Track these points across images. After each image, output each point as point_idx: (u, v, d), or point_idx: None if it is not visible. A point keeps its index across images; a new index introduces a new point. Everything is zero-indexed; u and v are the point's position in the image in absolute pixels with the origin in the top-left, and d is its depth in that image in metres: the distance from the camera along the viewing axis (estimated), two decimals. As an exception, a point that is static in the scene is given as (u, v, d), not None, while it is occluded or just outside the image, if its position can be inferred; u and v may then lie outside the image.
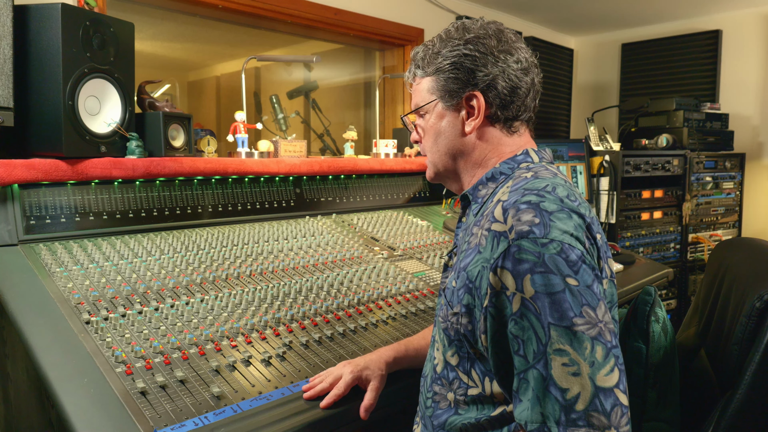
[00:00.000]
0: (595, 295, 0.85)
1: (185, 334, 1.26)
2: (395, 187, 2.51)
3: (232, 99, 3.39)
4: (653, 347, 1.03)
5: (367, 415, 1.15)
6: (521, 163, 1.06)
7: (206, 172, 1.86)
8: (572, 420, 0.82)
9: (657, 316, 1.06)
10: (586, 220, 0.92)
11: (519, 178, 1.01)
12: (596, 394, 0.81)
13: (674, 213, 3.45)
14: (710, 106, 3.68)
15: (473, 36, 1.05)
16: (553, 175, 1.01)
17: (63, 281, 1.37)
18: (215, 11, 2.62)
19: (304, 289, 1.57)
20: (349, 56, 3.63)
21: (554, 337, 0.84)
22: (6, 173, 1.45)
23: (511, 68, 1.05)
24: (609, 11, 3.99)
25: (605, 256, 0.96)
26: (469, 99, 1.06)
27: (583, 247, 0.87)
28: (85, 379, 1.07)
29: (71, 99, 1.51)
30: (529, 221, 0.88)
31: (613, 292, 0.98)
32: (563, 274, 0.85)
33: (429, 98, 1.10)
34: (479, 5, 3.70)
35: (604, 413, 0.81)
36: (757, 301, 0.96)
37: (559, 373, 0.83)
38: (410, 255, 2.00)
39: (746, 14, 3.90)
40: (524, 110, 1.08)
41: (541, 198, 0.91)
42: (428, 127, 1.12)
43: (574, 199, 0.95)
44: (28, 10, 1.50)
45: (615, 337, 0.86)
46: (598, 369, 0.82)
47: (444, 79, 1.06)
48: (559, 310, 0.84)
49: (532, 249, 0.86)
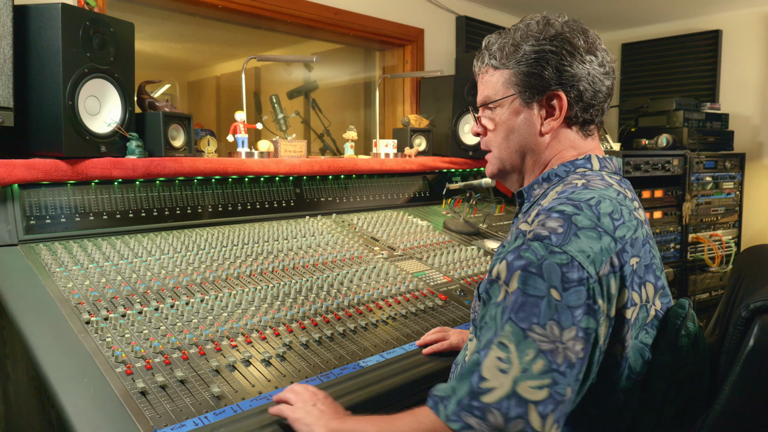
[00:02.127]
0: (573, 318, 0.83)
1: (185, 334, 1.26)
2: (395, 187, 2.51)
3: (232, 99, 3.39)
4: (680, 362, 0.98)
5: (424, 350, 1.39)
6: (579, 168, 1.04)
7: (206, 172, 1.86)
8: (471, 406, 0.81)
9: (688, 331, 1.00)
10: (619, 244, 0.89)
11: (570, 184, 0.99)
12: (509, 397, 0.80)
13: (674, 213, 3.45)
14: (710, 106, 3.68)
15: (558, 33, 1.01)
16: (606, 186, 0.98)
17: (63, 281, 1.37)
18: (215, 11, 2.61)
19: (304, 289, 1.57)
20: (349, 56, 3.62)
21: (506, 331, 0.84)
22: (6, 173, 1.45)
23: (595, 71, 1.02)
24: (609, 11, 3.99)
25: (639, 282, 0.92)
26: (550, 98, 1.02)
27: (595, 273, 0.85)
28: (85, 379, 1.07)
29: (71, 99, 1.51)
30: (552, 228, 0.87)
31: (645, 317, 0.94)
32: (551, 284, 0.83)
33: (505, 92, 1.05)
34: (480, 5, 3.70)
35: (505, 417, 0.79)
36: (743, 310, 0.93)
37: (490, 363, 0.83)
38: (410, 255, 2.00)
39: (746, 14, 3.90)
40: (600, 114, 1.06)
41: (577, 210, 0.89)
42: (500, 122, 1.07)
43: (618, 217, 0.92)
44: (28, 10, 1.50)
45: (570, 366, 0.82)
46: (527, 378, 0.81)
47: (525, 74, 1.02)
48: (526, 311, 0.83)
49: (538, 251, 0.85)
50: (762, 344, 0.89)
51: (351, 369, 1.27)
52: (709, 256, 3.52)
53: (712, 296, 3.58)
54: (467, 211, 2.44)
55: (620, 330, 0.91)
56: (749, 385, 0.90)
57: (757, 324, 0.90)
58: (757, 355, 0.89)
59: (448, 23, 3.53)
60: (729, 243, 3.65)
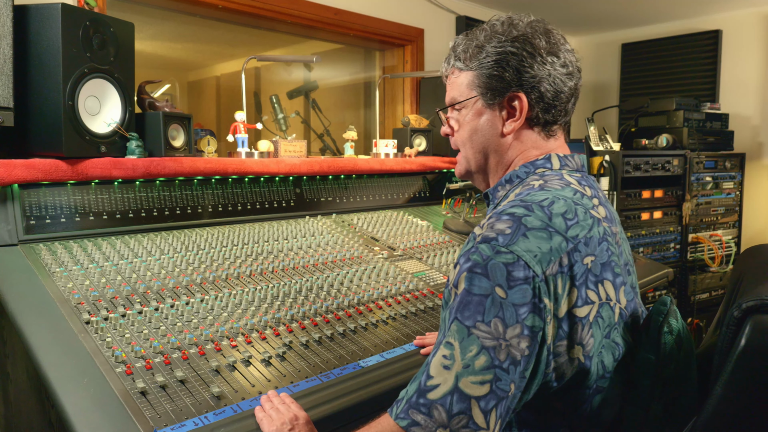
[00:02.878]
0: (517, 315, 0.83)
1: (185, 334, 1.26)
2: (395, 187, 2.51)
3: (232, 99, 3.39)
4: (663, 359, 0.98)
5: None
6: (539, 168, 1.04)
7: (206, 172, 1.86)
8: (418, 404, 0.84)
9: (671, 328, 1.00)
10: (571, 244, 0.89)
11: (527, 185, 1.00)
12: (452, 393, 0.82)
13: (674, 213, 3.45)
14: (710, 106, 3.68)
15: (520, 34, 1.02)
16: (564, 185, 0.98)
17: (63, 281, 1.37)
18: (215, 11, 2.61)
19: (304, 289, 1.57)
20: (349, 56, 3.62)
21: (452, 330, 0.85)
22: (6, 173, 1.45)
23: (557, 71, 1.02)
24: (609, 11, 3.99)
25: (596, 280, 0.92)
26: (511, 99, 1.03)
27: (542, 272, 0.85)
28: (85, 379, 1.07)
29: (71, 99, 1.51)
30: (500, 230, 0.88)
31: (611, 315, 0.94)
32: (496, 282, 0.84)
33: (468, 94, 1.06)
34: (480, 5, 3.70)
35: (448, 413, 0.81)
36: (735, 310, 0.92)
37: (437, 361, 0.85)
38: (410, 255, 2.00)
39: (746, 14, 3.90)
40: (564, 114, 1.06)
41: (527, 212, 0.90)
42: (464, 123, 1.09)
43: (571, 217, 0.92)
44: (28, 10, 1.50)
45: (513, 363, 0.83)
46: (469, 374, 0.82)
47: (487, 75, 1.03)
48: (470, 310, 0.85)
49: (484, 252, 0.86)
50: (754, 344, 0.89)
51: (351, 369, 1.27)
52: (709, 256, 3.52)
53: (712, 296, 3.58)
54: (467, 211, 2.44)
55: (574, 331, 0.90)
56: (741, 385, 0.90)
57: (749, 324, 0.90)
58: (748, 355, 0.89)
59: (448, 23, 3.53)
60: (729, 243, 3.66)
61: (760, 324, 0.89)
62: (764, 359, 0.88)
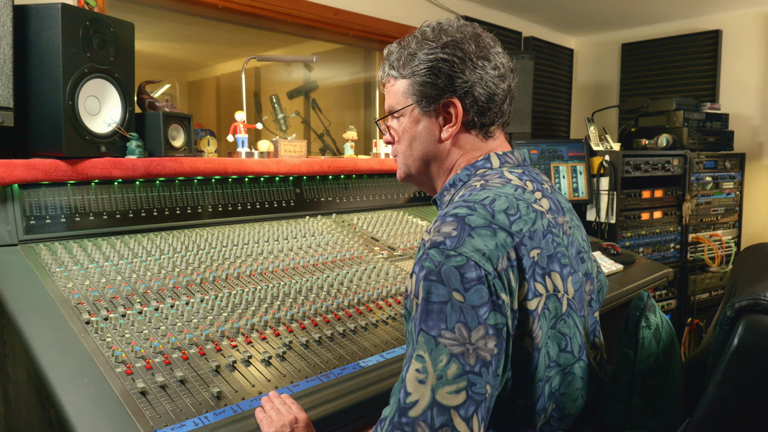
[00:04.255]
0: (478, 317, 0.84)
1: (185, 334, 1.26)
2: (395, 187, 2.51)
3: (232, 99, 3.39)
4: (642, 354, 1.00)
5: None
6: (479, 169, 1.05)
7: (206, 172, 1.86)
8: (401, 423, 0.83)
9: (648, 322, 1.02)
10: (516, 238, 0.90)
11: (470, 187, 1.01)
12: (431, 407, 0.81)
13: (674, 213, 3.45)
14: (710, 106, 3.68)
15: (450, 39, 1.03)
16: (504, 183, 0.99)
17: (63, 281, 1.37)
18: (215, 11, 2.62)
19: (304, 289, 1.57)
20: (349, 56, 3.62)
21: (420, 342, 0.85)
22: (6, 173, 1.45)
23: (488, 75, 1.03)
24: (609, 11, 3.99)
25: (543, 272, 0.93)
26: (446, 105, 1.04)
27: (493, 269, 0.86)
28: (85, 379, 1.07)
29: (71, 99, 1.51)
30: (447, 233, 0.88)
31: (557, 307, 0.95)
32: (452, 287, 0.84)
33: (404, 102, 1.07)
34: (479, 5, 3.70)
35: (431, 427, 0.81)
36: (728, 309, 0.93)
37: (411, 377, 0.84)
38: (410, 255, 2.00)
39: (746, 14, 3.90)
40: (500, 116, 1.07)
41: (470, 211, 0.91)
42: (402, 131, 1.10)
43: (513, 213, 0.93)
44: (28, 10, 1.50)
45: (484, 365, 0.83)
46: (443, 385, 0.82)
47: (420, 83, 1.04)
48: (433, 319, 0.84)
49: (435, 258, 0.86)
50: (746, 344, 0.89)
51: (351, 369, 1.27)
52: (709, 256, 3.52)
53: (712, 296, 3.59)
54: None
55: (525, 322, 0.91)
56: (734, 384, 0.90)
57: (742, 323, 0.90)
58: (741, 354, 0.89)
59: (448, 23, 3.53)
60: (729, 243, 3.66)
61: (753, 323, 0.89)
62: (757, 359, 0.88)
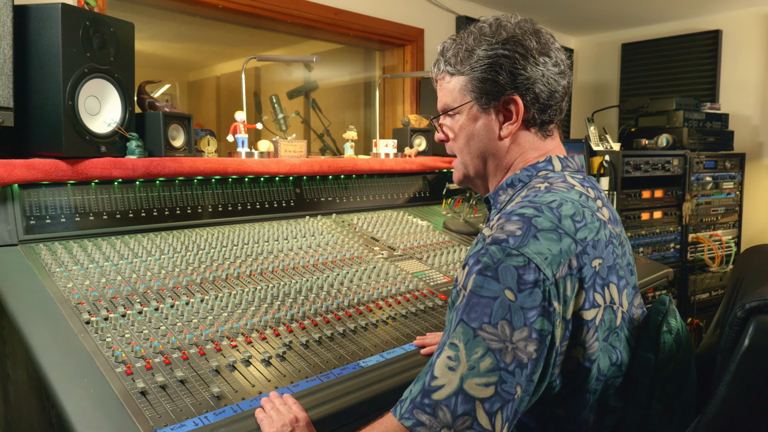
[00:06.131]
0: (525, 319, 0.83)
1: (185, 334, 1.26)
2: (395, 187, 2.51)
3: (232, 99, 3.39)
4: (663, 359, 0.98)
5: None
6: (540, 171, 1.04)
7: (206, 172, 1.86)
8: (423, 404, 0.83)
9: (670, 327, 1.00)
10: (580, 246, 0.89)
11: (533, 188, 1.00)
12: (456, 394, 0.81)
13: (674, 213, 3.45)
14: (710, 106, 3.68)
15: (510, 35, 1.00)
16: (569, 188, 0.98)
17: (63, 281, 1.37)
18: (215, 11, 2.61)
19: (304, 289, 1.57)
20: (349, 56, 3.62)
21: (458, 332, 0.85)
22: (6, 173, 1.45)
23: (550, 71, 1.01)
24: (609, 11, 3.99)
25: (602, 283, 0.92)
26: (506, 102, 1.02)
27: (552, 275, 0.85)
28: (85, 379, 1.07)
29: (71, 99, 1.51)
30: (511, 231, 0.87)
31: (612, 319, 0.94)
32: (506, 285, 0.84)
33: (462, 99, 1.05)
34: (479, 5, 3.70)
35: (453, 413, 0.81)
36: (739, 310, 0.93)
37: (441, 362, 0.84)
38: (410, 255, 2.00)
39: (746, 14, 3.90)
40: (559, 113, 1.06)
41: (537, 213, 0.90)
42: (459, 128, 1.07)
43: (579, 219, 0.92)
44: (28, 10, 1.50)
45: (519, 366, 0.82)
46: (474, 376, 0.82)
47: (480, 80, 1.02)
48: (477, 312, 0.84)
49: (495, 255, 0.86)
50: (757, 344, 0.89)
51: (351, 369, 1.27)
52: (709, 256, 3.52)
53: (712, 296, 3.58)
54: (467, 211, 2.44)
55: (579, 332, 0.90)
56: (744, 384, 0.91)
57: (753, 324, 0.90)
58: (752, 355, 0.89)
59: (448, 23, 3.53)
60: (729, 243, 3.65)
61: (764, 324, 0.90)
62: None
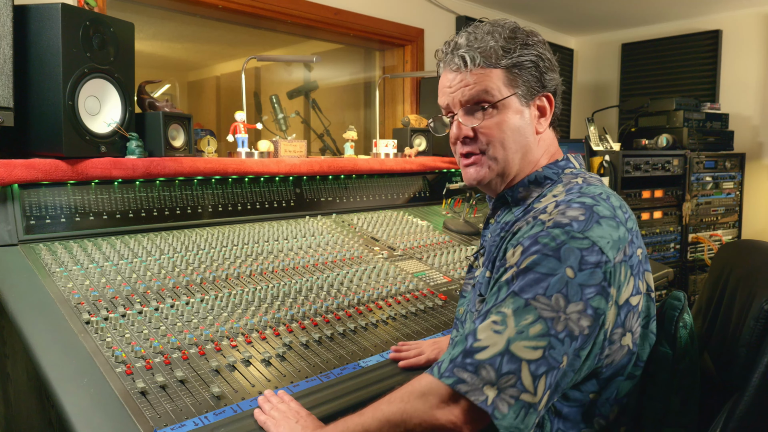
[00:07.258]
0: (582, 294, 0.85)
1: (185, 334, 1.26)
2: (395, 187, 2.51)
3: (232, 99, 3.39)
4: (680, 353, 1.01)
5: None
6: (565, 168, 1.09)
7: (206, 172, 1.86)
8: (465, 363, 0.82)
9: (685, 322, 1.03)
10: (630, 235, 0.94)
11: (571, 183, 1.04)
12: (503, 354, 0.81)
13: (674, 213, 3.45)
14: (710, 106, 3.68)
15: (539, 40, 1.08)
16: (601, 183, 1.05)
17: (63, 281, 1.37)
18: (215, 11, 2.61)
19: (304, 289, 1.57)
20: (349, 56, 3.62)
21: (507, 301, 0.86)
22: (6, 173, 1.45)
23: (558, 77, 1.11)
24: (609, 11, 3.99)
25: (642, 270, 0.98)
26: (541, 99, 1.08)
27: (612, 258, 0.89)
28: (85, 379, 1.07)
29: (71, 99, 1.51)
30: (573, 217, 0.91)
31: (649, 306, 0.99)
32: (567, 264, 0.85)
33: (506, 92, 1.04)
34: (479, 5, 3.70)
35: (497, 372, 0.80)
36: (765, 303, 0.97)
37: (485, 326, 0.84)
38: (410, 255, 2.00)
39: (746, 14, 3.90)
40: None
41: (595, 202, 0.94)
42: (499, 122, 1.04)
43: (625, 211, 0.98)
44: (28, 10, 1.50)
45: (569, 336, 0.83)
46: (523, 339, 0.82)
47: (527, 75, 1.05)
48: (531, 285, 0.85)
49: (558, 237, 0.88)
50: None
51: (351, 369, 1.27)
52: (709, 256, 3.52)
53: (712, 296, 3.58)
54: (467, 211, 2.44)
55: (628, 317, 0.94)
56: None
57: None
58: None
59: (447, 23, 3.53)
60: (729, 243, 3.65)
61: None
62: None
